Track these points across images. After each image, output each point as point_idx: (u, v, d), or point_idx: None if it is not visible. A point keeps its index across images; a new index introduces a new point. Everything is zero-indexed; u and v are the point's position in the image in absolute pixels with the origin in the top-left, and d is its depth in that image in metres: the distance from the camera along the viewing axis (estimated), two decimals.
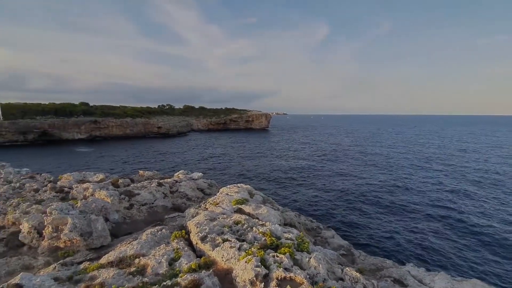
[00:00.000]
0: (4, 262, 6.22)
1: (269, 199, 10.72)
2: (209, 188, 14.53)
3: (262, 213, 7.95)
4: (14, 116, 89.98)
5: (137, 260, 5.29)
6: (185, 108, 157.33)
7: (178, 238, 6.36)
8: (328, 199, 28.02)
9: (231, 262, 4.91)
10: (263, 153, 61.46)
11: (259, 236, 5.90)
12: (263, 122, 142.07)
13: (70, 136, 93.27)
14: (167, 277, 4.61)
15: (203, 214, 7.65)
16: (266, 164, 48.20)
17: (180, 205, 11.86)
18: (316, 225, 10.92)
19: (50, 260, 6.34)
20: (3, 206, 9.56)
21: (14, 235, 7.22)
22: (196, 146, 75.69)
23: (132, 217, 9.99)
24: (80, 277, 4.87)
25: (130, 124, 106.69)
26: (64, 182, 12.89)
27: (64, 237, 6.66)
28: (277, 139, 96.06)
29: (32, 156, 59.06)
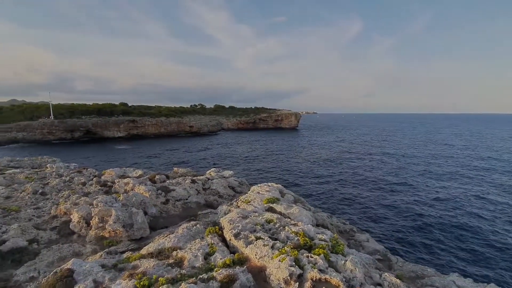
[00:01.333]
0: (57, 248, 6.85)
1: (300, 199, 10.60)
2: (240, 186, 14.73)
3: (294, 213, 7.89)
4: (63, 116, 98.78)
5: (174, 253, 5.53)
6: (216, 107, 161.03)
7: (212, 234, 6.53)
8: (362, 201, 26.99)
9: (264, 260, 4.93)
10: (293, 153, 60.87)
11: (292, 236, 5.86)
12: (292, 121, 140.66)
13: (110, 134, 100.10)
14: (203, 271, 4.77)
15: (235, 211, 7.77)
16: (296, 164, 47.68)
17: (212, 202, 12.17)
18: (349, 228, 10.57)
19: (97, 248, 6.87)
20: (56, 197, 10.55)
21: (65, 224, 7.93)
22: (225, 145, 77.17)
23: (168, 211, 10.44)
24: (123, 266, 5.20)
25: (165, 123, 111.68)
26: (107, 176, 13.88)
27: (108, 228, 7.18)
28: (307, 138, 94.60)
29: (78, 152, 64.37)
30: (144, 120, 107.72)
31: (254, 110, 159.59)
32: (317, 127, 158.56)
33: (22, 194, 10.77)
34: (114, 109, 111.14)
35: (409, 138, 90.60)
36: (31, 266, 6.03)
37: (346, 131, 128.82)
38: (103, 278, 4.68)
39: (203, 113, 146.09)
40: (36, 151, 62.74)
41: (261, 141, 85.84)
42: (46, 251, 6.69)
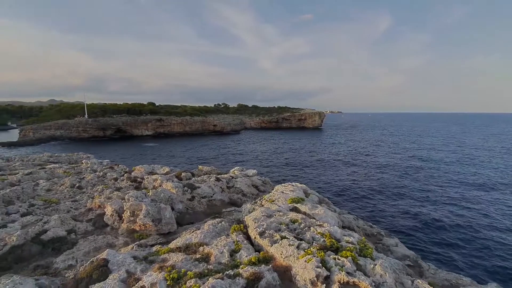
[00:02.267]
0: (93, 239, 7.28)
1: (324, 200, 10.42)
2: (263, 185, 14.76)
3: (319, 214, 7.76)
4: (96, 115, 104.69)
5: (201, 248, 5.66)
6: (239, 106, 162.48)
7: (237, 231, 6.60)
8: (389, 205, 25.94)
9: (290, 259, 4.91)
10: (316, 152, 59.91)
11: (318, 237, 5.77)
12: (316, 121, 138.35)
13: (139, 132, 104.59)
14: (229, 267, 4.84)
15: (259, 210, 7.80)
16: (319, 164, 46.89)
17: (236, 200, 12.31)
18: (376, 231, 10.21)
19: (128, 240, 7.21)
20: (91, 191, 11.23)
21: (100, 217, 8.42)
22: (248, 144, 77.65)
23: (194, 208, 10.71)
24: (153, 258, 5.42)
25: (189, 122, 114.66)
26: (137, 173, 14.52)
27: (139, 221, 7.51)
28: (331, 138, 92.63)
29: (109, 149, 67.90)
30: (170, 119, 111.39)
31: (277, 109, 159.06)
32: (341, 127, 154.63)
33: (61, 188, 11.59)
34: (142, 109, 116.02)
35: (443, 139, 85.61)
36: (69, 255, 6.46)
37: (372, 131, 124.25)
38: (135, 269, 4.91)
39: (226, 112, 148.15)
40: (72, 148, 67.16)
41: (284, 141, 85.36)
42: (82, 241, 7.14)
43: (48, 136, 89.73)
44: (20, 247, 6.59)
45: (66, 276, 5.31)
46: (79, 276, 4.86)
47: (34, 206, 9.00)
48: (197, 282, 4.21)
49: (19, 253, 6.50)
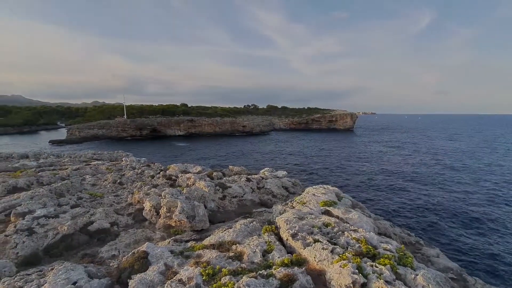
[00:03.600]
0: (133, 232, 7.74)
1: (358, 204, 10.05)
2: (293, 187, 14.63)
3: (353, 218, 7.51)
4: (133, 116, 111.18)
5: (234, 247, 5.76)
6: (268, 107, 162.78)
7: (269, 232, 6.62)
8: (428, 212, 24.34)
9: (323, 263, 4.81)
10: (347, 155, 58.00)
11: (353, 242, 5.59)
12: (347, 122, 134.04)
13: (172, 132, 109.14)
14: (261, 267, 4.87)
15: (291, 212, 7.75)
16: (350, 167, 45.35)
17: (266, 201, 12.35)
18: (415, 240, 9.62)
19: (165, 235, 7.57)
20: (131, 187, 11.95)
21: (139, 211, 8.93)
22: (277, 145, 77.41)
23: (225, 207, 10.93)
24: (189, 253, 5.63)
25: (219, 122, 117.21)
26: (171, 171, 15.17)
27: (175, 218, 7.84)
28: (362, 140, 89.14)
29: (145, 148, 71.62)
30: (201, 120, 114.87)
31: (307, 110, 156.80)
32: (375, 129, 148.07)
33: (104, 183, 12.49)
34: (175, 110, 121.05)
35: (491, 145, 78.38)
36: (112, 246, 6.93)
37: (408, 134, 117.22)
38: (172, 262, 5.13)
39: (255, 113, 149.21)
40: (112, 146, 71.97)
41: (313, 142, 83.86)
42: (124, 234, 7.62)
43: (91, 135, 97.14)
44: (70, 236, 7.21)
45: (111, 265, 5.71)
46: (122, 266, 5.20)
47: (81, 199, 9.81)
48: (232, 279, 4.30)
49: (69, 241, 7.12)
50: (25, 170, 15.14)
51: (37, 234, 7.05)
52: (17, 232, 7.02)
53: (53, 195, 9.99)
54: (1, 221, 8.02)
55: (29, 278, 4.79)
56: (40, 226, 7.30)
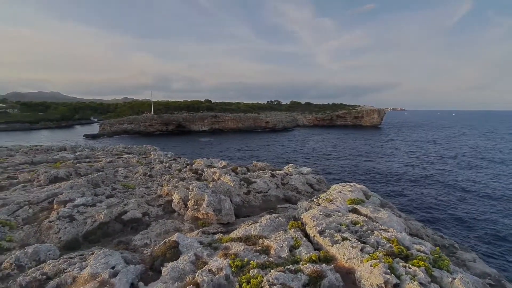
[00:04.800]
0: (163, 223, 8.07)
1: (387, 203, 9.72)
2: (318, 184, 14.43)
3: (382, 218, 7.28)
4: (160, 111, 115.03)
5: (261, 241, 5.83)
6: (292, 103, 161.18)
7: (295, 228, 6.60)
8: (462, 214, 22.97)
9: (353, 262, 4.73)
10: (374, 152, 56.05)
11: (383, 242, 5.43)
12: (374, 119, 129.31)
13: (196, 128, 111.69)
14: (289, 262, 4.88)
15: (317, 208, 7.67)
16: (377, 165, 43.82)
17: (290, 197, 12.30)
18: (449, 242, 9.14)
19: (193, 227, 7.81)
20: (160, 180, 12.44)
21: (168, 203, 9.29)
22: (300, 141, 76.56)
23: (249, 202, 11.04)
24: (217, 245, 5.77)
25: (242, 118, 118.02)
26: (197, 165, 15.56)
27: (202, 210, 8.07)
28: (390, 138, 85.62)
29: (171, 143, 73.97)
30: (224, 115, 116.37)
31: (332, 106, 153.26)
32: (404, 126, 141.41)
33: (135, 175, 13.10)
34: (200, 105, 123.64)
35: None
36: (144, 234, 7.28)
37: (441, 132, 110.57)
38: (201, 253, 5.30)
39: (279, 109, 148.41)
40: (140, 141, 75.15)
41: (338, 139, 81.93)
42: (154, 224, 7.97)
43: (121, 129, 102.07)
44: (106, 224, 7.67)
45: (144, 252, 6.00)
46: (155, 254, 5.46)
47: (115, 190, 10.38)
48: (260, 272, 4.35)
49: (105, 229, 7.58)
50: (64, 161, 16.28)
51: (77, 221, 7.58)
52: (59, 218, 7.59)
53: (90, 185, 10.66)
54: (45, 208, 8.71)
55: (72, 261, 5.17)
56: (79, 214, 7.84)
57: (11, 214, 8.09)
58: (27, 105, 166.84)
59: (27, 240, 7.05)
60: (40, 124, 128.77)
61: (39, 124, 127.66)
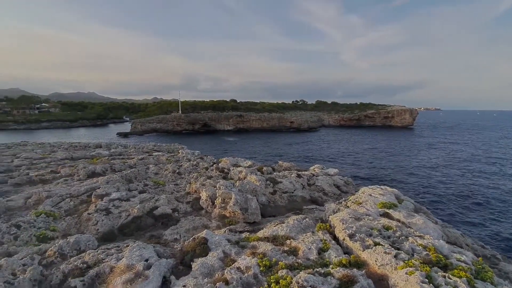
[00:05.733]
0: (191, 219, 8.29)
1: (422, 208, 9.21)
2: (346, 185, 14.04)
3: (417, 223, 6.90)
4: (187, 111, 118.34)
5: (288, 241, 5.78)
6: (317, 103, 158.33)
7: (323, 230, 6.47)
8: (506, 225, 21.19)
9: (386, 268, 4.53)
10: (405, 154, 53.41)
11: (419, 249, 5.15)
12: (406, 119, 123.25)
13: (221, 127, 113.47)
14: (318, 264, 4.79)
15: (345, 211, 7.45)
16: (409, 168, 41.71)
17: (317, 198, 12.09)
18: (490, 253, 8.46)
19: (220, 224, 7.95)
20: (188, 177, 12.81)
21: (196, 200, 9.53)
22: (326, 142, 74.95)
23: (275, 202, 11.01)
24: (244, 244, 5.82)
25: (267, 118, 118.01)
26: (223, 164, 15.80)
27: (229, 209, 8.18)
28: (424, 139, 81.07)
29: (197, 142, 75.77)
30: (249, 115, 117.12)
31: (359, 106, 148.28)
32: (439, 127, 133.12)
33: (165, 172, 13.61)
34: (225, 105, 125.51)
35: None
36: (174, 230, 7.53)
37: (481, 134, 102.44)
38: (229, 251, 5.37)
39: (304, 109, 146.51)
40: (168, 139, 77.87)
41: (366, 140, 79.11)
42: (183, 220, 8.22)
43: (151, 128, 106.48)
44: (139, 218, 8.04)
45: (174, 247, 6.21)
46: (185, 249, 5.62)
47: (147, 186, 10.85)
48: (289, 273, 4.32)
49: (138, 223, 7.95)
50: (100, 158, 17.32)
51: (112, 214, 8.02)
52: (97, 211, 8.09)
53: (124, 181, 11.25)
54: (84, 201, 9.32)
55: (109, 252, 5.49)
56: (115, 208, 8.30)
57: (55, 205, 8.76)
58: (67, 104, 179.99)
59: (68, 230, 7.59)
60: (78, 122, 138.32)
61: (77, 123, 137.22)
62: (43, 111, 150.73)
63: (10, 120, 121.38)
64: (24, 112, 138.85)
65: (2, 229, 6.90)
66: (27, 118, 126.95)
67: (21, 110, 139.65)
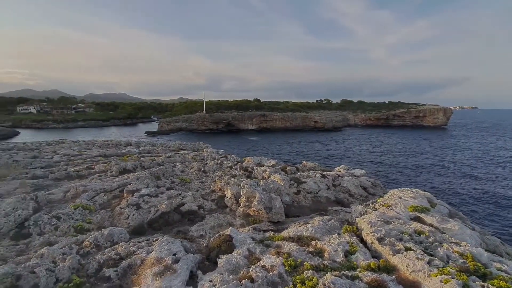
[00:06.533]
0: (216, 216, 8.44)
1: (458, 213, 8.65)
2: (373, 187, 13.56)
3: (452, 229, 6.50)
4: (211, 110, 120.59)
5: (313, 242, 5.70)
6: (343, 102, 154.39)
7: (349, 232, 6.31)
8: None
9: (418, 275, 4.32)
10: (438, 156, 50.50)
11: (454, 256, 4.85)
12: (439, 119, 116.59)
13: (245, 126, 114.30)
14: (345, 267, 4.68)
15: (374, 214, 7.21)
16: (442, 170, 39.39)
17: (342, 200, 11.79)
18: None
19: (244, 222, 8.02)
20: (213, 175, 13.05)
21: (221, 198, 9.68)
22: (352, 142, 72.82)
23: (299, 202, 10.90)
24: (268, 243, 5.82)
25: (291, 118, 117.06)
26: (247, 163, 15.92)
27: (253, 207, 8.22)
28: (459, 140, 76.10)
29: (220, 141, 76.91)
30: (272, 114, 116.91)
31: (388, 105, 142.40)
32: (476, 127, 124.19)
33: (191, 170, 13.97)
34: (249, 105, 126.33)
35: None
36: (200, 226, 7.71)
37: None
38: (254, 249, 5.40)
39: (328, 108, 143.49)
40: (193, 138, 79.89)
41: (394, 140, 75.79)
42: (208, 217, 8.40)
43: (177, 127, 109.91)
44: (167, 214, 8.33)
45: (200, 243, 6.36)
46: (210, 246, 5.74)
47: (174, 183, 11.22)
48: (314, 274, 4.26)
49: (166, 218, 8.24)
50: (130, 155, 18.17)
51: (142, 209, 8.39)
52: (128, 206, 8.49)
53: (152, 177, 11.71)
54: (116, 196, 9.83)
55: (140, 245, 5.74)
56: (145, 203, 8.67)
57: (90, 199, 9.33)
58: (100, 105, 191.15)
59: (102, 223, 8.05)
60: (110, 121, 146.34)
61: (109, 122, 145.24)
62: (79, 111, 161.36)
63: (50, 120, 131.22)
64: (62, 112, 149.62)
65: (44, 220, 7.47)
66: (65, 118, 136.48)
67: (59, 110, 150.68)
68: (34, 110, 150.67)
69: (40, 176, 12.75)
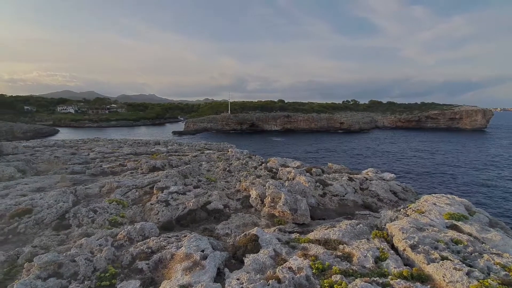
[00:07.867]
0: (241, 216, 8.53)
1: (499, 223, 8.00)
2: (404, 192, 12.96)
3: (493, 240, 6.04)
4: (236, 111, 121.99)
5: (341, 246, 5.57)
6: (371, 103, 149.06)
7: (379, 238, 6.09)
8: None
9: (455, 286, 4.06)
10: (476, 161, 47.09)
11: (496, 268, 4.52)
12: (478, 121, 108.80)
13: (268, 127, 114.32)
14: (375, 274, 4.52)
15: (405, 220, 6.89)
16: (481, 176, 36.67)
17: (370, 204, 11.40)
18: None
19: (269, 223, 8.02)
20: (238, 175, 13.21)
21: (246, 198, 9.77)
22: (380, 144, 70.06)
23: (325, 204, 10.69)
24: (294, 244, 5.78)
25: (315, 119, 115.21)
26: (271, 164, 15.91)
27: (278, 208, 8.20)
28: (500, 143, 70.35)
29: (244, 141, 77.48)
30: (297, 115, 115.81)
31: (420, 106, 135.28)
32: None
33: (216, 170, 14.24)
34: (273, 106, 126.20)
35: None
36: (225, 225, 7.84)
37: None
38: (280, 250, 5.39)
39: (355, 109, 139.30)
40: (218, 138, 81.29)
41: (427, 143, 71.77)
42: (234, 216, 8.50)
43: (202, 127, 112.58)
44: (194, 211, 8.57)
45: (227, 241, 6.47)
46: (237, 244, 5.81)
47: (201, 182, 11.50)
48: (343, 279, 4.16)
49: (193, 215, 8.47)
50: (159, 154, 18.90)
51: (171, 206, 8.69)
52: (158, 202, 8.85)
53: (180, 175, 12.10)
54: (147, 192, 10.28)
55: (170, 240, 5.96)
56: (173, 200, 8.98)
57: (123, 195, 9.83)
58: (131, 105, 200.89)
59: (134, 217, 8.46)
60: (140, 121, 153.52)
61: (139, 122, 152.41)
62: (112, 111, 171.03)
63: (86, 119, 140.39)
64: (97, 112, 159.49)
65: (83, 212, 7.99)
66: (100, 117, 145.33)
67: (95, 110, 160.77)
68: (72, 110, 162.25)
69: (78, 172, 13.68)
